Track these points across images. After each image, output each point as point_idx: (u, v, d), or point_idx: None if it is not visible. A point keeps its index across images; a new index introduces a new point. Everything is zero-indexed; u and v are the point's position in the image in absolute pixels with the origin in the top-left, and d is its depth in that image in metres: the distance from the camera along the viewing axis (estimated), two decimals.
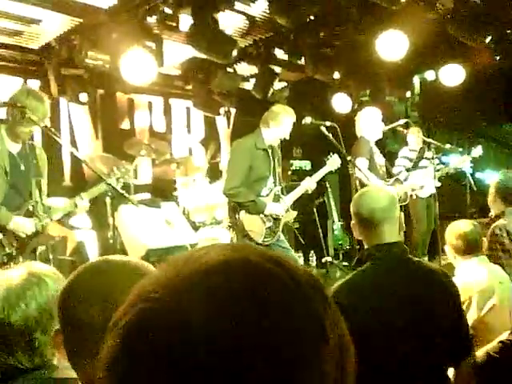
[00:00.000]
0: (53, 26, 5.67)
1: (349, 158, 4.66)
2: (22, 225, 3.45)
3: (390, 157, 7.04)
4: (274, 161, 4.90)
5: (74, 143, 6.79)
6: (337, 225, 8.52)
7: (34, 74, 6.41)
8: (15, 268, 1.59)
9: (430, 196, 6.38)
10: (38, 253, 3.50)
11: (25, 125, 3.49)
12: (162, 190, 6.86)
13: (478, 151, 6.54)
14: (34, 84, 6.52)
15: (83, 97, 6.29)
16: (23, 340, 1.46)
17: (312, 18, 5.94)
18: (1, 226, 3.37)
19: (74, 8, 5.24)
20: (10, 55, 6.20)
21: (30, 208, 3.56)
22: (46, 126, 3.49)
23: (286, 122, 4.78)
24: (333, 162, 5.23)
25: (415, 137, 6.79)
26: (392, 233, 2.21)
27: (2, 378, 1.47)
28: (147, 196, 6.57)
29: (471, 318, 2.77)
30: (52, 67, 6.04)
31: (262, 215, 4.75)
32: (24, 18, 5.40)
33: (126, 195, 3.24)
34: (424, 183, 6.25)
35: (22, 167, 3.59)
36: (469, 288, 2.89)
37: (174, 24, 5.31)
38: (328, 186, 8.55)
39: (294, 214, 5.09)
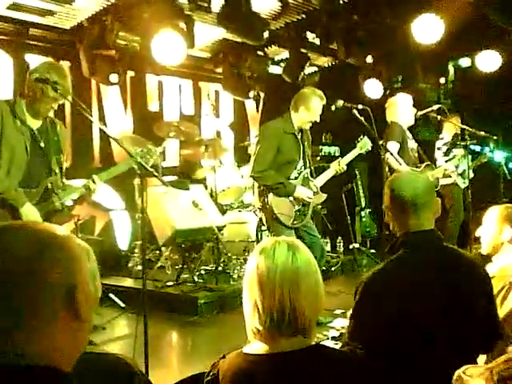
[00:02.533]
0: (85, 5, 5.69)
1: (380, 142, 4.57)
2: (30, 214, 3.33)
3: (421, 145, 6.93)
4: (304, 144, 4.84)
5: (104, 124, 6.83)
6: (365, 212, 8.43)
7: (65, 54, 6.45)
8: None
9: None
10: None
11: (46, 101, 3.39)
12: (189, 172, 6.87)
13: None
14: (65, 64, 6.57)
15: (114, 78, 6.30)
16: None
17: (345, 0, 5.84)
18: (15, 207, 3.29)
19: None
20: (42, 35, 6.24)
21: (49, 186, 3.48)
22: (76, 102, 3.41)
23: (315, 105, 4.70)
24: (363, 144, 5.13)
25: (451, 128, 6.80)
26: (429, 219, 2.17)
27: None
28: (174, 178, 6.60)
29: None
30: (83, 47, 6.06)
31: (291, 198, 4.71)
32: None
33: (155, 174, 3.20)
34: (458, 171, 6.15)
35: (42, 144, 3.49)
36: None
37: (205, 4, 5.26)
38: (357, 172, 8.46)
39: (324, 196, 5.03)
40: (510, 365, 1.04)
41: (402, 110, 5.80)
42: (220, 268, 5.84)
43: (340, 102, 4.57)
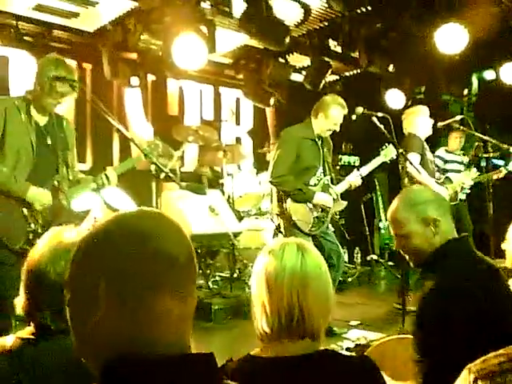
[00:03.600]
0: (109, 8, 5.73)
1: (400, 150, 4.50)
2: (38, 195, 3.29)
3: None
4: (324, 151, 4.79)
5: (125, 127, 6.86)
6: (383, 223, 8.32)
7: (88, 56, 6.50)
8: (70, 229, 1.64)
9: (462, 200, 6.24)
10: None
11: (54, 96, 3.33)
12: (207, 177, 6.85)
13: None
14: (87, 66, 6.64)
15: (135, 81, 6.33)
16: (56, 299, 1.44)
17: (368, 8, 5.79)
18: (20, 197, 3.25)
19: None
20: (65, 37, 6.29)
21: (56, 183, 3.44)
22: (96, 102, 3.40)
23: (335, 113, 4.67)
24: (388, 152, 5.03)
25: (456, 139, 6.69)
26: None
27: (37, 338, 1.48)
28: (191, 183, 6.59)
29: None
30: (106, 50, 6.10)
31: (309, 204, 4.66)
32: (81, 0, 5.47)
33: (170, 175, 3.18)
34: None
35: (49, 140, 3.45)
36: None
37: (227, 9, 5.26)
38: (376, 183, 8.37)
39: (344, 204, 4.96)
40: (487, 364, 0.98)
41: (419, 121, 5.71)
42: (235, 275, 5.80)
43: (359, 109, 4.52)
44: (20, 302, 1.54)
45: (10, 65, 6.05)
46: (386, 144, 5.09)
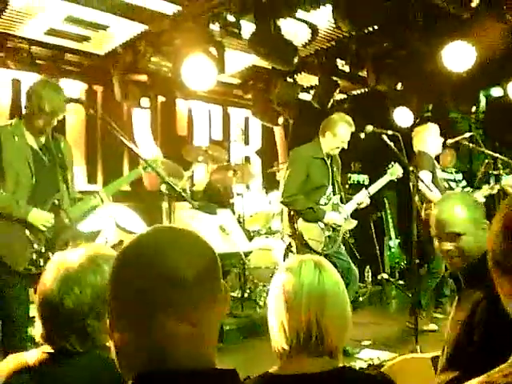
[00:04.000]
0: (120, 32, 5.81)
1: (411, 168, 4.50)
2: (39, 216, 3.35)
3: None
4: (333, 170, 4.81)
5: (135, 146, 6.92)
6: (394, 242, 8.29)
7: (99, 78, 6.58)
8: (77, 249, 1.59)
9: None
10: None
11: (44, 117, 3.39)
12: (217, 197, 6.86)
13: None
14: (98, 89, 6.71)
15: (145, 102, 6.40)
16: (76, 324, 1.45)
17: (375, 27, 5.83)
18: (22, 219, 3.30)
19: (141, 14, 5.35)
20: (77, 60, 6.38)
21: (56, 202, 3.48)
22: (107, 122, 3.43)
23: (342, 131, 4.70)
24: (394, 171, 5.08)
25: (447, 156, 6.71)
26: None
27: (57, 356, 1.48)
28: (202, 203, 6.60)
29: None
30: (117, 73, 6.17)
31: (321, 224, 4.67)
32: (93, 24, 5.56)
33: (183, 194, 3.20)
34: None
35: (46, 161, 3.49)
36: None
37: (236, 31, 5.32)
38: (386, 202, 8.35)
39: (354, 222, 4.97)
40: (492, 378, 0.95)
41: (429, 138, 5.72)
42: (246, 294, 5.78)
43: (369, 128, 4.54)
44: (38, 331, 1.52)
45: (22, 88, 6.13)
46: (393, 163, 5.11)
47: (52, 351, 1.49)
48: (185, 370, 0.91)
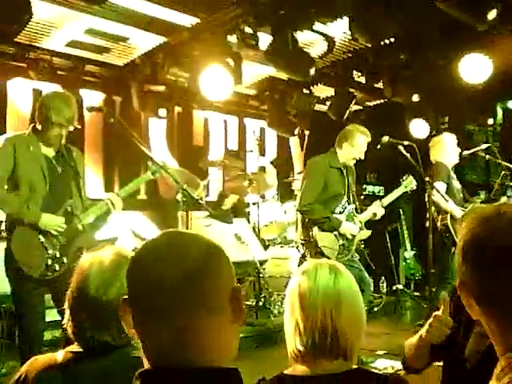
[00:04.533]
0: (139, 43, 5.92)
1: (427, 178, 4.52)
2: (51, 221, 3.41)
3: (468, 187, 6.78)
4: (349, 180, 4.84)
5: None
6: (409, 253, 8.26)
7: (117, 89, 6.69)
8: (101, 251, 1.64)
9: None
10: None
11: (53, 128, 3.45)
12: (233, 207, 6.91)
13: None
14: (117, 99, 6.81)
15: (162, 112, 6.49)
16: (117, 317, 1.49)
17: (392, 39, 5.87)
18: (34, 225, 3.36)
19: (160, 26, 5.45)
20: (97, 71, 6.50)
21: (69, 209, 3.55)
22: (129, 133, 3.48)
23: (359, 141, 4.74)
24: (408, 183, 5.11)
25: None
26: None
27: (92, 353, 1.52)
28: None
29: None
30: (135, 83, 6.27)
31: (335, 232, 4.69)
32: (113, 36, 5.67)
33: (201, 202, 3.25)
34: None
35: (60, 169, 3.57)
36: None
37: (254, 42, 5.39)
38: (401, 212, 8.34)
39: (368, 233, 4.98)
40: None
41: (447, 149, 5.71)
42: (260, 303, 5.80)
43: (386, 138, 4.58)
44: (69, 325, 1.56)
45: None
46: (407, 175, 5.13)
47: (80, 350, 1.53)
48: (188, 367, 0.96)
